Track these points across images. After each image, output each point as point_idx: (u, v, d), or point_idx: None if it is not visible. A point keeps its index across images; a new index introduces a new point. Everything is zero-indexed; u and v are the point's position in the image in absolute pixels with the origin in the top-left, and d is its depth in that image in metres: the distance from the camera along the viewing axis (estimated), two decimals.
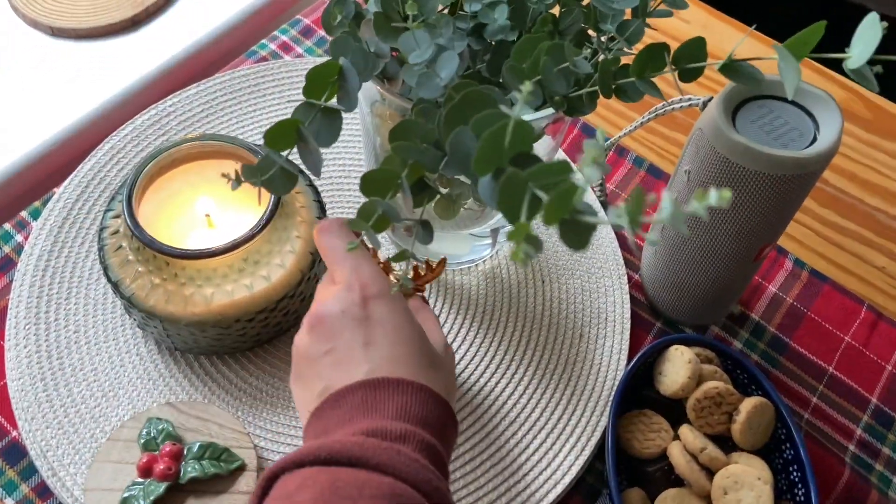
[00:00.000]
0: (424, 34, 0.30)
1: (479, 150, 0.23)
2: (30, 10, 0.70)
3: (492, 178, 0.23)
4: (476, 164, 0.23)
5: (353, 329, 0.34)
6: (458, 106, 0.26)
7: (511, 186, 0.21)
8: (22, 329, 0.49)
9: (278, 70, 0.64)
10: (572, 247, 0.21)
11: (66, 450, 0.46)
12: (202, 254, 0.44)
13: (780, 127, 0.42)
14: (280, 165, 0.29)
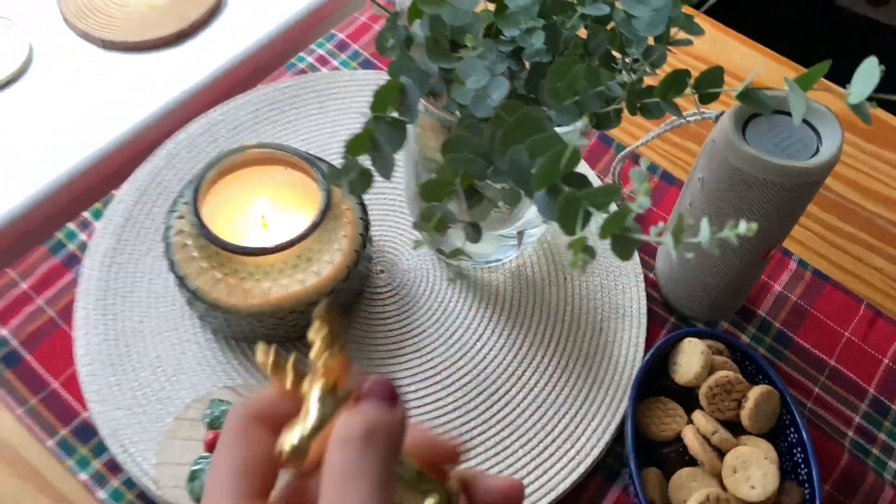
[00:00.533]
0: (481, 62, 0.35)
1: (539, 170, 0.27)
2: (82, 24, 0.74)
3: (546, 192, 0.28)
4: (535, 182, 0.27)
5: None
6: (513, 127, 0.31)
7: (568, 204, 0.26)
8: (91, 319, 0.54)
9: (317, 82, 0.69)
10: (620, 257, 0.26)
11: (135, 429, 0.50)
12: (262, 251, 0.49)
13: (787, 139, 0.46)
14: (361, 168, 0.34)
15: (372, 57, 0.73)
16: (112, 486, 0.50)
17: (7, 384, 0.52)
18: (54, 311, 0.56)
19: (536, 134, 0.31)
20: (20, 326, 0.55)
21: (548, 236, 0.62)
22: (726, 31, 0.76)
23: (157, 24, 0.75)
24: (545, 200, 0.28)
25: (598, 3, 0.38)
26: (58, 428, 0.51)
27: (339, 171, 0.35)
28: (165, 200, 0.60)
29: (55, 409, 0.52)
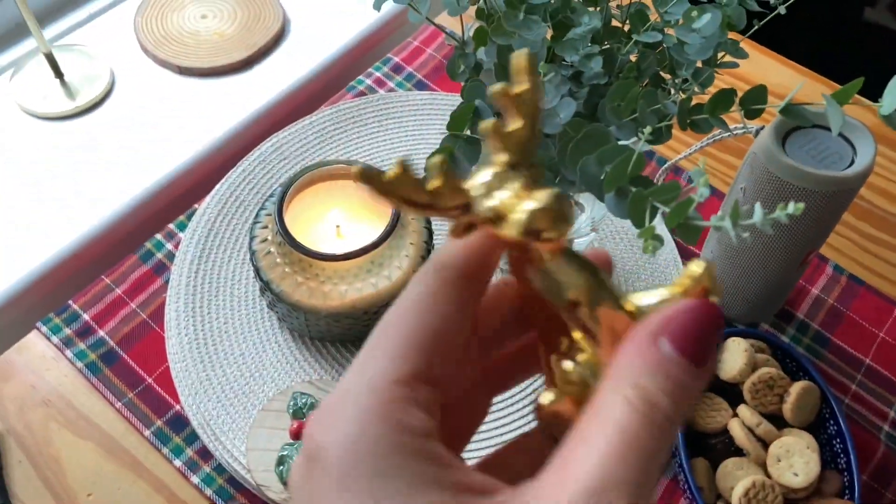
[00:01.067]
0: (553, 86, 0.40)
1: (609, 175, 0.32)
2: (159, 52, 0.80)
3: (614, 194, 0.33)
4: (606, 185, 0.32)
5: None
6: (582, 140, 0.36)
7: (637, 202, 0.30)
8: (182, 321, 0.59)
9: (376, 103, 0.74)
10: (687, 242, 0.30)
11: (224, 419, 0.55)
12: (341, 257, 0.53)
13: (823, 151, 0.50)
14: None
15: (425, 78, 0.78)
16: (204, 471, 0.55)
17: (106, 380, 0.58)
18: (146, 314, 0.61)
19: (602, 146, 0.36)
20: (116, 328, 0.60)
21: (594, 244, 0.66)
22: (762, 50, 0.80)
23: (228, 51, 0.81)
24: (614, 201, 0.32)
25: (652, 31, 0.43)
26: (153, 419, 0.56)
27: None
28: (244, 213, 0.66)
29: (150, 402, 0.57)
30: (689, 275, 0.20)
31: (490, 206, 0.20)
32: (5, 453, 0.55)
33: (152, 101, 0.78)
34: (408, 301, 0.20)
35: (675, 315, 0.19)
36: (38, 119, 0.76)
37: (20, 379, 0.58)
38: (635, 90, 0.41)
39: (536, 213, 0.19)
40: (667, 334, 0.19)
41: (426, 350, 0.19)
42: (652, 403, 0.18)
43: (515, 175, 0.21)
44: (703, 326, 0.19)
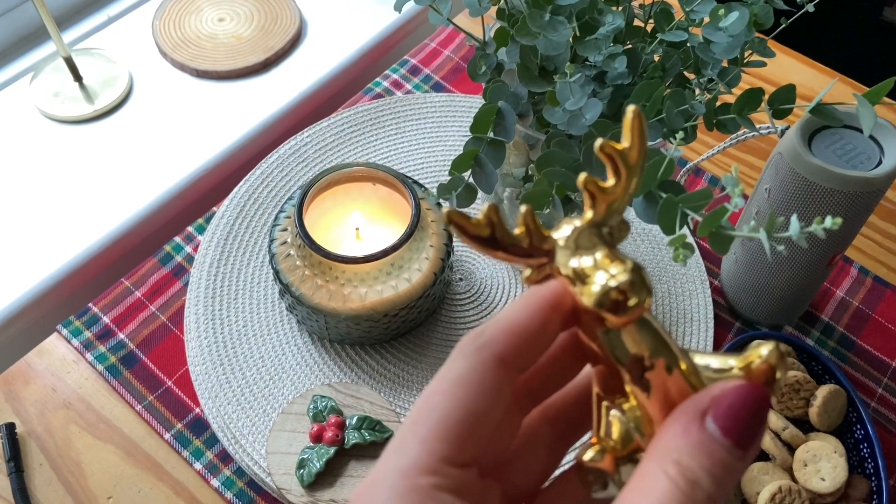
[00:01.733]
0: (578, 86, 0.39)
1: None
2: (177, 56, 0.81)
3: (643, 199, 0.32)
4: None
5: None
6: None
7: (668, 208, 0.30)
8: (202, 324, 0.59)
9: (394, 105, 0.74)
10: (718, 251, 0.30)
11: (244, 422, 0.55)
12: (360, 259, 0.53)
13: (850, 151, 0.50)
14: (466, 182, 0.38)
15: (442, 80, 0.78)
16: (224, 474, 0.54)
17: (127, 383, 0.58)
18: (166, 317, 0.61)
19: None
20: (136, 331, 0.60)
21: None
22: (784, 50, 0.79)
23: (245, 54, 0.81)
24: (643, 206, 0.32)
25: (677, 30, 0.42)
26: (173, 422, 0.56)
27: (447, 186, 0.39)
28: (262, 215, 0.65)
29: (170, 405, 0.57)
30: (758, 354, 0.20)
31: (573, 267, 0.21)
32: (26, 456, 0.55)
33: (170, 105, 0.78)
34: (446, 382, 0.21)
35: (724, 395, 0.19)
36: (57, 122, 0.76)
37: (41, 382, 0.58)
38: (660, 90, 0.40)
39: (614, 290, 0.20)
40: (713, 414, 0.19)
41: (459, 436, 0.20)
42: (693, 482, 0.18)
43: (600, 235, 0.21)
44: (750, 409, 0.19)
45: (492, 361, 0.21)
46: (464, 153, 0.39)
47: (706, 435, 0.19)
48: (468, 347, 0.21)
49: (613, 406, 0.22)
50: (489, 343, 0.21)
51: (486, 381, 0.21)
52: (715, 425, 0.19)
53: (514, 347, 0.21)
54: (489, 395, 0.20)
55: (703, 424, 0.19)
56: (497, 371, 0.21)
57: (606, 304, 0.20)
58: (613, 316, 0.20)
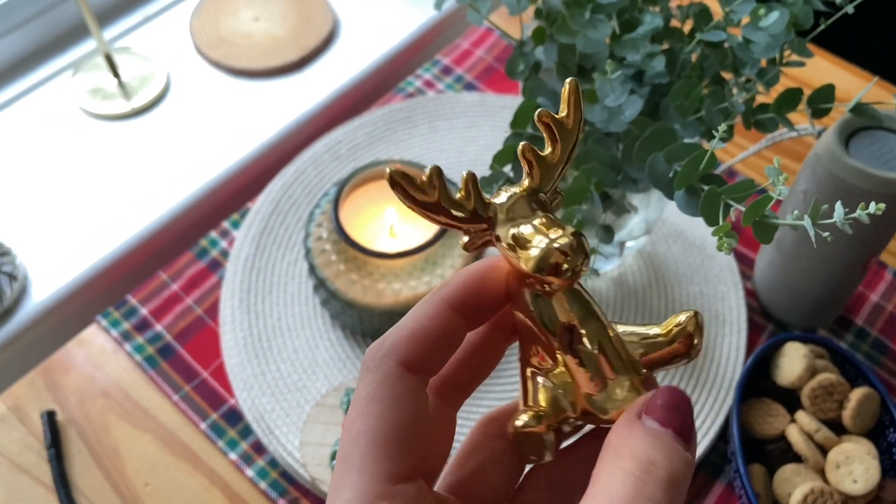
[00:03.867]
0: (618, 84, 0.40)
1: (681, 173, 0.32)
2: (213, 54, 0.82)
3: (685, 192, 0.32)
4: (677, 183, 0.32)
5: None
6: (649, 138, 0.35)
7: (710, 199, 0.30)
8: (237, 317, 0.60)
9: (426, 104, 0.75)
10: (761, 240, 0.30)
11: (278, 414, 0.56)
12: (395, 255, 0.54)
13: (888, 153, 0.49)
14: (506, 177, 0.39)
15: (475, 80, 0.79)
16: (258, 465, 0.55)
17: (163, 373, 0.59)
18: (202, 310, 0.62)
19: (669, 144, 0.36)
20: (172, 323, 0.61)
21: (647, 247, 0.66)
22: (821, 53, 0.79)
23: (280, 52, 0.82)
24: (685, 198, 0.32)
25: (716, 30, 0.43)
26: (209, 412, 0.57)
27: (488, 179, 0.40)
28: (297, 211, 0.66)
29: (206, 396, 0.58)
30: (676, 322, 0.22)
31: (513, 233, 0.21)
32: (66, 443, 0.56)
33: (206, 102, 0.79)
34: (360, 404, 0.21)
35: (652, 398, 0.21)
36: (97, 119, 0.78)
37: (80, 371, 0.59)
38: (699, 89, 0.41)
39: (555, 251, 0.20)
40: (648, 412, 0.20)
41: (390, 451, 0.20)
42: (648, 463, 0.19)
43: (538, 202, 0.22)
44: (677, 403, 0.20)
45: (397, 369, 0.21)
46: (504, 148, 0.40)
47: (648, 427, 0.20)
48: (372, 361, 0.21)
49: (540, 374, 0.23)
50: (391, 351, 0.21)
51: (397, 389, 0.21)
52: (653, 420, 0.20)
53: (417, 351, 0.21)
54: (405, 403, 0.21)
55: (643, 423, 0.20)
56: (405, 378, 0.21)
57: (546, 267, 0.20)
58: (554, 278, 0.20)
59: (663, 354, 0.22)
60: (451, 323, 0.22)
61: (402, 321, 0.22)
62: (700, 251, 0.65)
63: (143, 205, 0.71)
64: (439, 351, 0.22)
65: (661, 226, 0.67)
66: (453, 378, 0.24)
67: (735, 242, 0.29)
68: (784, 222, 0.29)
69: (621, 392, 0.21)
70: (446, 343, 0.22)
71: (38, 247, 0.68)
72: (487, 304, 0.23)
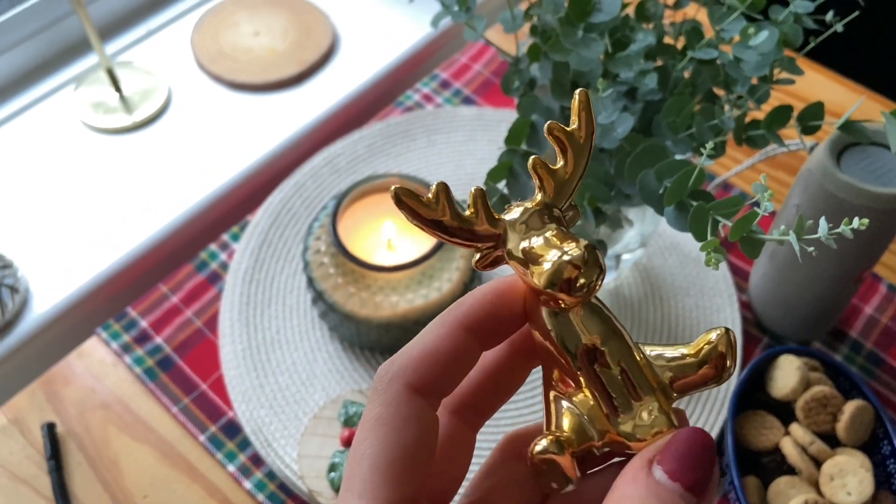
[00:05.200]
0: (610, 101, 0.40)
1: (671, 189, 0.32)
2: (214, 68, 0.83)
3: (675, 208, 0.33)
4: (667, 199, 0.32)
5: None
6: (640, 154, 0.36)
7: (699, 215, 0.30)
8: (236, 329, 0.61)
9: (425, 118, 0.76)
10: (749, 255, 0.31)
11: (276, 426, 0.57)
12: (393, 268, 0.54)
13: (880, 168, 0.50)
14: (500, 193, 0.39)
15: (473, 94, 0.79)
16: (256, 477, 0.56)
17: (163, 386, 0.59)
18: (201, 322, 0.63)
19: (660, 161, 0.36)
20: (172, 335, 0.62)
21: (643, 260, 0.66)
22: (815, 68, 0.80)
23: (279, 67, 0.83)
24: (674, 214, 0.33)
25: (707, 48, 0.43)
26: (208, 425, 0.58)
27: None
28: (296, 224, 0.67)
29: (205, 408, 0.59)
30: (707, 340, 0.21)
31: (523, 248, 0.20)
32: (66, 454, 0.56)
33: (207, 116, 0.80)
34: (367, 426, 0.21)
35: (669, 443, 0.19)
36: (99, 132, 0.79)
37: (80, 383, 0.60)
38: (690, 106, 0.41)
39: (567, 265, 0.19)
40: (659, 459, 0.19)
41: (393, 476, 0.20)
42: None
43: (551, 217, 0.21)
44: (695, 452, 0.19)
45: (405, 392, 0.21)
46: (499, 164, 0.40)
47: (653, 481, 0.19)
48: (380, 383, 0.21)
49: (564, 397, 0.22)
50: (399, 374, 0.21)
51: (404, 413, 0.20)
52: (661, 470, 0.19)
53: (426, 373, 0.21)
54: (412, 427, 0.20)
55: (650, 471, 0.19)
56: (413, 401, 0.21)
57: (559, 282, 0.19)
58: (566, 295, 0.19)
59: (695, 379, 0.21)
60: (463, 344, 0.21)
61: (413, 341, 0.22)
62: (695, 264, 0.66)
63: (143, 217, 0.72)
64: (450, 373, 0.21)
65: (657, 239, 0.67)
66: (472, 400, 0.23)
67: (723, 258, 0.29)
68: (769, 237, 0.29)
69: (649, 417, 0.20)
70: (458, 365, 0.22)
71: (40, 259, 0.69)
72: (503, 324, 0.22)
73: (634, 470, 0.20)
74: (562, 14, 0.42)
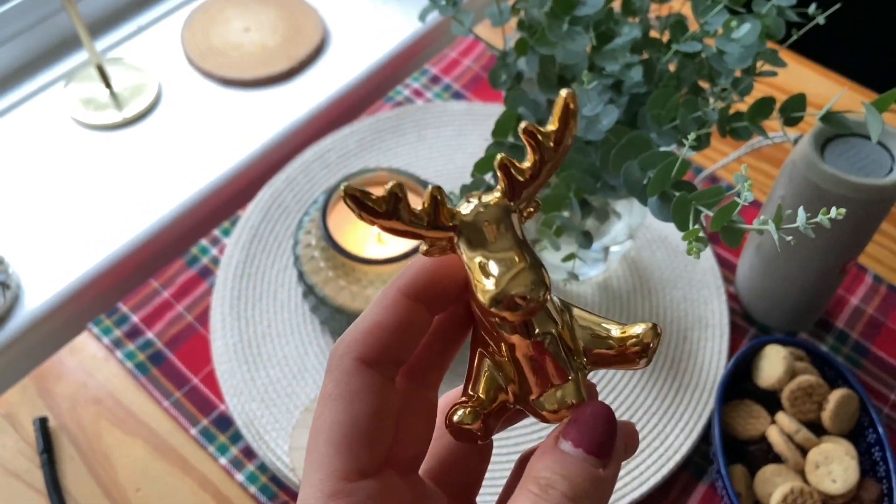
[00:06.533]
0: (595, 94, 0.41)
1: (654, 179, 0.33)
2: (204, 64, 0.83)
3: (658, 198, 0.33)
4: (650, 189, 0.33)
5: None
6: (624, 146, 0.36)
7: (681, 205, 0.31)
8: (227, 324, 0.61)
9: (414, 113, 0.76)
10: (729, 245, 0.31)
11: (268, 419, 0.57)
12: (383, 261, 0.55)
13: (863, 160, 0.51)
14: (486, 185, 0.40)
15: (462, 89, 0.80)
16: (248, 469, 0.56)
17: (154, 380, 0.60)
18: (192, 317, 0.63)
19: (644, 152, 0.37)
20: (163, 330, 0.62)
21: (632, 252, 0.67)
22: (799, 60, 0.80)
23: (269, 62, 0.83)
24: (657, 204, 0.33)
25: (692, 41, 0.44)
26: (199, 418, 0.58)
27: (469, 187, 0.41)
28: (286, 219, 0.67)
29: (196, 402, 0.59)
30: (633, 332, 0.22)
31: (472, 258, 0.21)
32: (58, 449, 0.57)
33: (197, 112, 0.80)
34: (321, 403, 0.21)
35: (572, 418, 0.21)
36: (89, 129, 0.79)
37: (72, 378, 0.60)
38: (675, 98, 0.42)
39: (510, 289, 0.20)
40: (563, 432, 0.21)
41: (350, 448, 0.21)
42: (546, 486, 0.20)
43: (507, 216, 0.21)
44: (594, 421, 0.21)
45: (354, 366, 0.21)
46: (486, 156, 0.41)
47: (559, 452, 0.21)
48: (331, 360, 0.22)
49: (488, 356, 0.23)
50: (348, 349, 0.22)
51: (353, 386, 0.21)
52: (566, 441, 0.21)
53: (374, 346, 0.21)
54: (364, 399, 0.21)
55: (557, 445, 0.21)
56: (363, 374, 0.21)
57: (504, 301, 0.20)
58: (510, 313, 0.20)
59: (613, 356, 0.22)
60: (408, 313, 0.22)
61: (360, 316, 0.22)
62: (683, 256, 0.66)
63: (134, 213, 0.72)
64: (401, 342, 0.22)
65: (645, 231, 0.68)
66: (420, 361, 0.24)
67: (704, 246, 0.30)
68: (749, 227, 0.30)
69: (562, 394, 0.22)
70: (406, 333, 0.22)
71: (31, 255, 0.69)
72: (447, 290, 0.22)
73: (544, 447, 0.21)
74: (547, 8, 0.42)
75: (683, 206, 0.31)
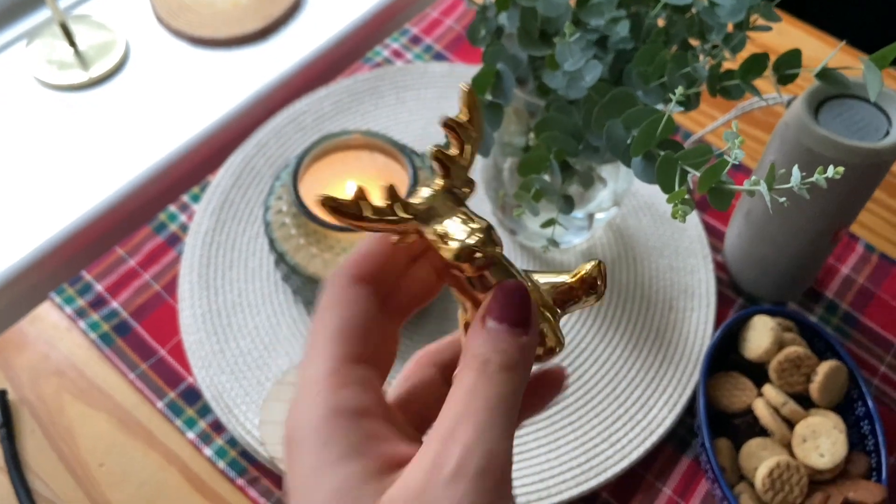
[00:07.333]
0: (577, 47, 0.38)
1: (637, 138, 0.30)
2: (174, 22, 0.79)
3: (642, 158, 0.31)
4: (634, 149, 0.30)
5: None
6: (608, 104, 0.34)
7: (667, 165, 0.29)
8: (196, 293, 0.59)
9: (394, 74, 0.73)
10: (717, 207, 0.29)
11: (237, 392, 0.55)
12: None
13: (858, 122, 0.48)
14: None
15: (444, 50, 0.77)
16: (217, 444, 0.54)
17: (119, 351, 0.57)
18: (160, 286, 0.60)
19: (628, 109, 0.34)
20: (129, 299, 0.60)
21: (617, 220, 0.65)
22: (791, 21, 0.78)
23: (242, 21, 0.80)
24: (642, 165, 0.31)
25: None
26: (166, 391, 0.56)
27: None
28: (258, 184, 0.65)
29: (163, 374, 0.57)
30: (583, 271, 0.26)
31: (435, 230, 0.25)
32: (18, 423, 0.54)
33: (167, 72, 0.77)
34: (321, 309, 0.26)
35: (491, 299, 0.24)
36: (52, 90, 0.75)
37: (33, 349, 0.57)
38: (663, 54, 0.39)
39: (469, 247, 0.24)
40: (486, 311, 0.24)
41: (345, 339, 0.25)
42: (483, 361, 0.23)
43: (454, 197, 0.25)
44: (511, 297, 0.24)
45: (349, 280, 0.26)
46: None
47: (485, 328, 0.24)
48: (329, 281, 0.26)
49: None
50: (345, 268, 0.26)
51: (348, 294, 0.25)
52: (490, 318, 0.24)
53: (366, 267, 0.26)
54: (356, 304, 0.25)
55: (484, 325, 0.24)
56: (356, 287, 0.26)
57: (462, 259, 0.24)
58: (470, 266, 0.24)
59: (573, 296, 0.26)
60: (394, 249, 0.26)
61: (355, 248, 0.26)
62: (670, 224, 0.64)
63: (99, 178, 0.69)
64: (385, 269, 0.26)
65: (632, 198, 0.66)
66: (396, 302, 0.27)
67: (690, 209, 0.28)
68: (738, 188, 0.28)
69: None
70: (392, 264, 0.26)
71: None
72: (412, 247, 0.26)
73: (473, 328, 0.24)
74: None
75: (669, 167, 0.29)
